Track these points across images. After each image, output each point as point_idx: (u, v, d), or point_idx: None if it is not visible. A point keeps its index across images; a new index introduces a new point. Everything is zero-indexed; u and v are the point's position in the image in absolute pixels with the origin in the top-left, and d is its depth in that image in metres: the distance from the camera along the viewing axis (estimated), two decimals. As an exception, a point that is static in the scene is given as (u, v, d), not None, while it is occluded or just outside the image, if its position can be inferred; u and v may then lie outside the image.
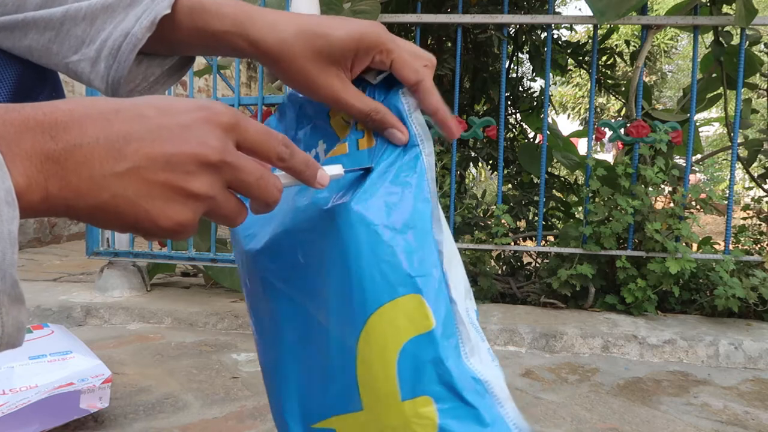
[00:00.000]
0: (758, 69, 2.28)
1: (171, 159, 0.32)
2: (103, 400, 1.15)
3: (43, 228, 3.67)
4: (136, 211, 0.32)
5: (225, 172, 0.35)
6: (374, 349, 0.45)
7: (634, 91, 2.14)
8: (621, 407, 1.38)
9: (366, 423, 0.46)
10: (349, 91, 0.48)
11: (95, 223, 0.33)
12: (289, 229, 0.50)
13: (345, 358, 0.46)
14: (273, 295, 0.52)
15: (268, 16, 0.47)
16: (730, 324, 1.92)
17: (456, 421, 0.44)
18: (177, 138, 0.33)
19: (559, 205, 2.73)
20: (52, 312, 1.99)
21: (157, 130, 0.33)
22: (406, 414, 0.44)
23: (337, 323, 0.47)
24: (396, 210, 0.47)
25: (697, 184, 2.20)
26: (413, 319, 0.45)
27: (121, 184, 0.31)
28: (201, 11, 0.46)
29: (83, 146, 0.31)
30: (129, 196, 0.32)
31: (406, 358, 0.45)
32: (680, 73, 11.70)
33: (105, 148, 0.31)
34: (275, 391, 0.54)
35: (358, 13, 1.97)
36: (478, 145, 2.84)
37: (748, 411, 1.38)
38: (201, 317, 1.99)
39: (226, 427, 1.22)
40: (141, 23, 0.44)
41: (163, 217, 0.33)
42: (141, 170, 0.32)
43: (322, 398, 0.49)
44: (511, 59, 2.87)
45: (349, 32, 0.47)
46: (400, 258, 0.45)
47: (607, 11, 1.91)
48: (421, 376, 0.44)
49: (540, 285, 2.20)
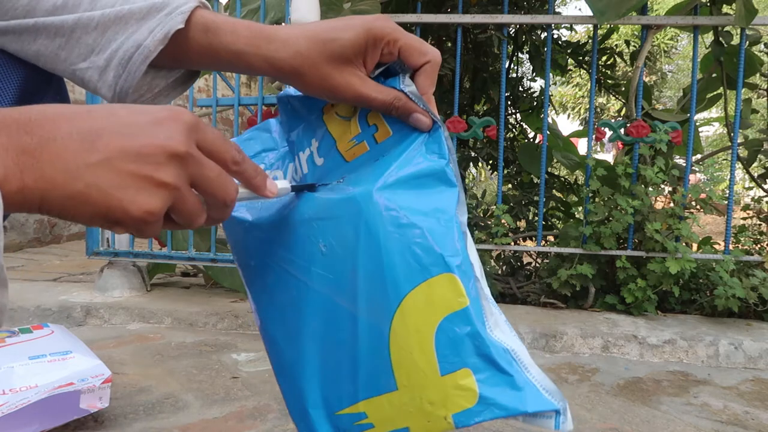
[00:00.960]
0: (758, 69, 2.28)
1: (141, 150, 0.35)
2: (103, 400, 1.15)
3: (43, 228, 3.67)
4: (108, 201, 0.34)
5: (190, 164, 0.37)
6: (410, 329, 0.47)
7: (634, 91, 2.14)
8: (621, 407, 1.38)
9: (401, 402, 0.48)
10: (369, 86, 0.50)
11: (68, 215, 0.34)
12: (306, 218, 0.51)
13: (376, 341, 0.48)
14: (293, 285, 0.52)
15: (281, 34, 0.49)
16: (730, 324, 1.92)
17: (494, 388, 0.47)
18: (147, 132, 0.35)
19: (559, 205, 2.73)
20: (52, 312, 1.99)
21: (128, 126, 0.35)
22: (446, 387, 0.47)
23: (367, 308, 0.48)
24: (423, 194, 0.49)
25: (697, 184, 2.20)
26: (448, 298, 0.47)
27: (94, 174, 0.33)
28: (216, 30, 0.48)
29: (57, 140, 0.33)
30: (101, 185, 0.34)
31: (444, 334, 0.47)
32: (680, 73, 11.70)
33: (78, 141, 0.33)
34: (295, 382, 0.54)
35: (357, 13, 1.98)
36: (478, 145, 2.84)
37: (748, 411, 1.38)
38: (201, 317, 1.99)
39: (226, 427, 1.22)
40: (154, 36, 0.45)
41: (133, 205, 0.35)
42: (113, 161, 0.34)
43: (350, 384, 0.50)
44: (511, 59, 2.87)
45: (356, 30, 0.48)
46: (430, 240, 0.48)
47: (607, 11, 1.91)
48: (460, 350, 0.47)
49: (540, 285, 2.20)
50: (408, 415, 0.48)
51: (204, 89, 5.28)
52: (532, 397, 0.47)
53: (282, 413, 1.29)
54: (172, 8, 0.47)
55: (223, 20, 0.49)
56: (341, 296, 0.50)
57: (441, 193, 0.50)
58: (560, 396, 0.48)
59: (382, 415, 0.49)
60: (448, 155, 0.51)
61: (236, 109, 2.16)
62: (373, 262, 0.48)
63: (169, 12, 0.46)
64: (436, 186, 0.50)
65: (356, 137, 0.53)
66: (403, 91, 0.51)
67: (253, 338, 1.86)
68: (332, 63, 0.49)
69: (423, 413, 0.48)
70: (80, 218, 0.35)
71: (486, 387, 0.47)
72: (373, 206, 0.48)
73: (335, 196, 0.50)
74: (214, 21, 0.48)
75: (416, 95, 0.51)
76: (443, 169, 0.50)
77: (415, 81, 0.52)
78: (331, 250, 0.50)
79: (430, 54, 0.50)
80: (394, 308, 0.47)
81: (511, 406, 0.47)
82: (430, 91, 0.52)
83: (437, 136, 0.51)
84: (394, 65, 0.52)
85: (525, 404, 0.47)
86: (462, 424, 0.47)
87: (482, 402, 0.47)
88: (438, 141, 0.51)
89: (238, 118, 2.27)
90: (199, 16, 0.48)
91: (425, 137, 0.51)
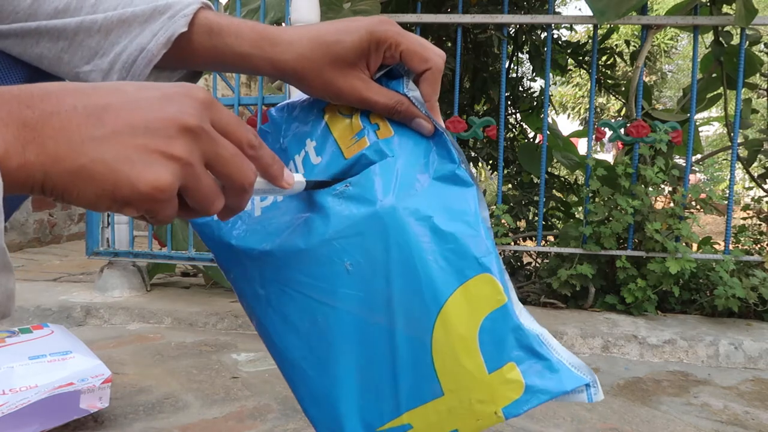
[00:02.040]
0: (758, 69, 2.28)
1: (151, 124, 0.33)
2: (103, 400, 1.15)
3: (43, 228, 3.67)
4: (114, 176, 0.31)
5: (203, 140, 0.35)
6: (453, 333, 0.48)
7: (634, 91, 2.14)
8: (621, 407, 1.38)
9: (449, 406, 0.49)
10: (372, 88, 0.50)
11: (73, 194, 0.32)
12: (326, 239, 0.49)
13: (417, 351, 0.48)
14: (316, 310, 0.51)
15: (285, 36, 0.49)
16: (730, 324, 1.92)
17: (536, 376, 0.49)
18: (156, 106, 0.33)
19: (559, 205, 2.73)
20: (52, 312, 1.99)
21: (136, 101, 0.33)
22: (494, 384, 0.48)
23: (405, 320, 0.48)
24: (444, 199, 0.50)
25: (697, 184, 2.20)
26: (487, 297, 0.49)
27: (99, 148, 0.31)
28: (220, 32, 0.48)
29: (61, 113, 0.31)
30: (107, 160, 0.31)
31: (487, 333, 0.48)
32: (680, 73, 11.69)
33: (83, 115, 0.31)
34: (331, 409, 0.52)
35: (357, 13, 1.97)
36: (478, 145, 2.84)
37: (748, 411, 1.38)
38: (201, 317, 1.99)
39: (226, 427, 1.22)
40: (158, 39, 0.45)
41: (141, 180, 0.32)
42: (120, 135, 0.32)
43: (391, 398, 0.50)
44: (511, 59, 2.87)
45: (360, 33, 0.48)
46: (462, 243, 0.49)
47: (607, 11, 1.91)
48: (504, 345, 0.49)
49: (540, 285, 2.20)
50: (456, 417, 0.49)
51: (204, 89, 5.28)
52: (567, 375, 0.49)
53: (282, 413, 1.29)
54: (175, 11, 0.46)
55: (227, 22, 0.48)
56: (374, 313, 0.49)
57: (461, 194, 0.51)
58: (588, 369, 0.51)
59: (428, 422, 0.50)
60: (457, 158, 0.51)
61: (236, 109, 2.16)
62: (407, 274, 0.48)
63: (172, 15, 0.46)
64: (454, 189, 0.51)
65: (358, 134, 0.53)
66: (406, 95, 0.51)
67: (253, 338, 1.86)
68: (336, 66, 0.49)
69: (472, 413, 0.49)
70: (85, 197, 0.32)
71: (530, 376, 0.49)
72: (398, 219, 0.48)
73: (356, 212, 0.49)
74: (218, 23, 0.48)
75: (419, 101, 0.51)
76: (455, 172, 0.51)
77: (419, 88, 0.52)
78: (358, 267, 0.49)
79: (432, 60, 0.50)
80: (434, 316, 0.48)
81: (553, 389, 0.49)
82: (433, 99, 0.52)
83: (443, 142, 0.52)
84: (397, 67, 0.52)
85: (563, 384, 0.49)
86: (511, 415, 0.49)
87: (528, 391, 0.49)
88: (445, 146, 0.52)
89: (238, 118, 2.27)
90: (203, 18, 0.48)
91: (431, 145, 0.52)
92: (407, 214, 0.48)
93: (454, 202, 0.50)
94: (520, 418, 1.29)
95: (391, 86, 0.52)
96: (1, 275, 0.30)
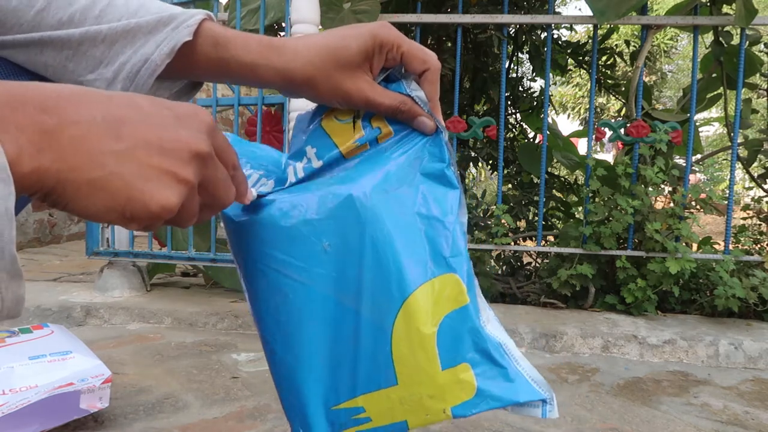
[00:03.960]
0: (758, 69, 2.28)
1: (166, 145, 0.34)
2: (103, 400, 1.15)
3: (43, 228, 3.67)
4: (129, 192, 0.32)
5: (208, 166, 0.37)
6: (413, 326, 0.49)
7: (634, 91, 2.14)
8: (621, 407, 1.38)
9: (401, 396, 0.50)
10: (377, 90, 0.52)
11: (81, 204, 0.32)
12: (308, 218, 0.51)
13: (378, 338, 0.50)
14: (287, 287, 0.52)
15: (290, 45, 0.51)
16: (730, 324, 1.92)
17: (490, 381, 0.50)
18: (170, 127, 0.34)
19: (559, 205, 2.73)
20: (52, 312, 1.99)
21: (151, 118, 0.34)
22: (446, 382, 0.50)
23: (371, 306, 0.50)
24: (429, 196, 0.52)
25: (697, 184, 2.20)
26: (450, 296, 0.50)
27: (118, 162, 0.32)
28: (226, 44, 0.49)
29: (80, 123, 0.31)
30: (125, 175, 0.32)
31: (445, 331, 0.50)
32: (680, 73, 11.69)
33: (103, 127, 0.32)
34: (293, 383, 0.54)
35: (358, 13, 1.97)
36: (478, 145, 2.84)
37: (748, 411, 1.38)
38: (201, 317, 1.99)
39: (226, 427, 1.22)
40: (161, 50, 0.46)
41: (154, 200, 0.33)
42: (137, 151, 0.33)
43: (349, 379, 0.51)
44: (511, 59, 2.87)
45: (364, 37, 0.51)
46: (435, 241, 0.51)
47: (607, 11, 1.91)
48: (460, 345, 0.50)
49: (540, 285, 2.20)
50: (407, 408, 0.50)
51: (204, 89, 5.28)
52: (523, 387, 0.50)
53: (282, 413, 1.28)
54: (179, 22, 0.47)
55: (233, 34, 0.50)
56: (344, 294, 0.51)
57: (444, 194, 0.52)
58: (547, 387, 0.51)
59: (381, 408, 0.51)
60: (448, 158, 0.53)
61: (236, 109, 2.16)
62: (378, 261, 0.50)
63: (176, 26, 0.47)
64: (438, 188, 0.53)
65: (359, 139, 0.54)
66: (409, 96, 0.53)
67: (253, 338, 1.86)
68: (343, 70, 0.51)
69: (422, 407, 0.50)
70: (94, 208, 0.32)
71: (483, 380, 0.50)
72: (376, 207, 0.50)
73: (336, 195, 0.51)
74: (224, 35, 0.49)
75: (423, 100, 0.53)
76: (443, 171, 0.53)
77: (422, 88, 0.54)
78: (336, 248, 0.50)
79: (430, 62, 0.53)
80: (398, 307, 0.49)
81: (505, 397, 0.50)
82: (435, 98, 0.55)
83: (438, 140, 0.54)
84: (394, 71, 0.54)
85: (517, 395, 0.50)
86: (460, 415, 0.50)
87: (479, 394, 0.50)
88: (439, 145, 0.54)
89: (238, 118, 2.28)
90: (208, 29, 0.49)
91: (426, 140, 0.54)
92: (387, 203, 0.50)
93: (435, 200, 0.52)
94: (520, 417, 1.29)
95: (391, 89, 0.54)
96: (12, 282, 0.31)
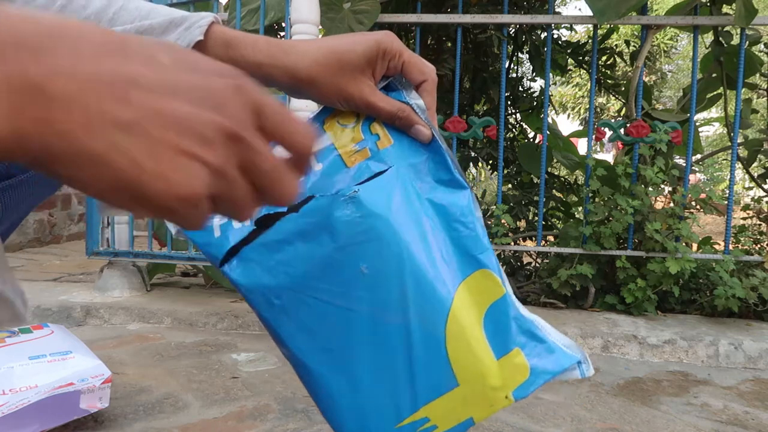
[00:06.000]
0: (758, 69, 2.28)
1: (187, 119, 0.27)
2: (103, 400, 1.15)
3: (43, 228, 3.67)
4: (135, 171, 0.26)
5: (242, 149, 0.29)
6: (463, 325, 0.52)
7: (634, 91, 2.14)
8: (621, 407, 1.38)
9: (464, 395, 0.52)
10: (377, 95, 0.54)
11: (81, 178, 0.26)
12: (341, 245, 0.52)
13: (431, 346, 0.52)
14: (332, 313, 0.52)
15: (298, 47, 0.52)
16: (730, 324, 1.92)
17: (538, 358, 0.54)
18: (196, 97, 0.28)
19: (559, 205, 2.73)
20: (52, 312, 1.99)
21: (174, 83, 0.27)
22: (503, 369, 0.53)
23: (418, 317, 0.51)
24: (443, 202, 0.55)
25: (697, 184, 2.20)
26: (487, 289, 0.53)
27: (121, 134, 0.25)
28: (236, 45, 0.51)
29: (76, 77, 0.24)
30: (131, 151, 0.26)
31: (491, 322, 0.53)
32: (680, 73, 11.68)
33: (106, 85, 0.25)
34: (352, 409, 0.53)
35: (358, 13, 1.97)
36: (478, 145, 2.84)
37: (748, 411, 1.38)
38: (201, 317, 1.99)
39: (226, 427, 1.22)
40: None
41: (166, 184, 0.27)
42: (147, 124, 0.26)
43: (408, 394, 0.53)
44: (511, 59, 2.87)
45: (369, 43, 0.53)
46: (461, 243, 0.54)
47: (607, 11, 1.91)
48: (507, 332, 0.53)
49: (540, 285, 2.20)
50: (471, 404, 0.52)
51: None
52: (563, 355, 0.54)
53: (282, 413, 1.29)
54: (190, 23, 0.49)
55: (243, 35, 0.51)
56: (390, 313, 0.52)
57: (457, 196, 0.55)
58: (578, 348, 0.55)
59: (445, 412, 0.53)
60: (452, 163, 0.56)
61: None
62: (416, 274, 0.51)
63: (188, 26, 0.49)
64: (450, 192, 0.55)
65: (359, 144, 0.56)
66: (408, 104, 0.55)
67: (253, 338, 1.86)
68: (347, 72, 0.52)
69: (485, 399, 0.52)
70: (97, 185, 0.26)
71: (533, 358, 0.54)
72: (401, 225, 0.52)
73: (363, 219, 0.52)
74: (234, 36, 0.51)
75: (421, 108, 0.55)
76: (450, 177, 0.56)
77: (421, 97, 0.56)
78: (375, 270, 0.52)
79: (427, 73, 0.55)
80: (447, 310, 0.51)
81: (553, 369, 0.54)
82: (433, 108, 0.57)
83: (438, 148, 0.56)
84: (395, 81, 0.56)
85: (561, 363, 0.54)
86: (520, 396, 0.53)
87: (533, 372, 0.53)
88: (439, 152, 0.56)
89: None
90: (218, 31, 0.50)
91: (428, 153, 0.56)
92: (409, 216, 0.53)
93: (452, 204, 0.55)
94: (520, 417, 1.29)
95: (391, 97, 0.56)
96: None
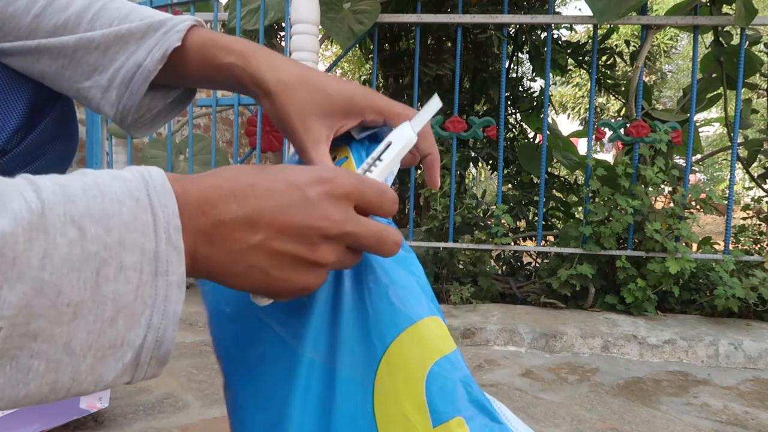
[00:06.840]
0: (758, 69, 2.28)
1: (298, 232, 0.36)
2: (103, 400, 1.15)
3: (43, 228, 3.67)
4: (267, 280, 0.36)
5: (346, 240, 0.38)
6: (397, 378, 0.43)
7: (634, 91, 2.14)
8: (621, 407, 1.38)
9: None
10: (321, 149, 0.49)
11: (231, 285, 0.37)
12: None
13: (357, 399, 0.44)
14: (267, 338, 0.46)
15: (274, 59, 0.49)
16: (730, 324, 1.92)
17: None
18: (302, 212, 0.36)
19: (559, 205, 2.74)
20: (52, 312, 1.99)
21: (286, 205, 0.36)
22: None
23: (349, 362, 0.44)
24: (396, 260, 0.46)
25: (697, 184, 2.20)
26: (436, 342, 0.44)
27: (253, 255, 0.35)
28: (211, 45, 0.49)
29: (226, 222, 0.35)
30: (261, 265, 0.36)
31: (434, 381, 0.43)
32: (680, 73, 11.68)
33: (243, 222, 0.35)
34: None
35: (357, 13, 1.97)
36: (478, 145, 2.84)
37: (748, 411, 1.38)
38: (201, 317, 1.99)
39: (226, 427, 1.22)
40: (153, 55, 0.46)
41: (290, 284, 0.37)
42: (271, 241, 0.35)
43: None
44: (511, 59, 2.87)
45: (343, 93, 0.49)
46: (414, 283, 0.46)
47: (607, 11, 1.91)
48: (453, 397, 0.43)
49: (540, 285, 2.20)
50: None
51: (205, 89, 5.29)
52: None
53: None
54: (169, 27, 0.47)
55: (219, 36, 0.49)
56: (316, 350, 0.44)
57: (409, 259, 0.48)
58: None
59: None
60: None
61: (236, 109, 2.16)
62: (357, 310, 0.44)
63: (167, 30, 0.47)
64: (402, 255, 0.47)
65: None
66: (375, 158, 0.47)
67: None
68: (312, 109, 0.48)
69: None
70: (242, 288, 0.37)
71: None
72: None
73: None
74: (210, 38, 0.49)
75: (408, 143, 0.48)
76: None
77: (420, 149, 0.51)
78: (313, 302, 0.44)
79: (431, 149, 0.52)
80: (378, 358, 0.44)
81: None
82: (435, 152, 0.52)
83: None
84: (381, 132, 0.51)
85: None
86: None
87: None
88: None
89: (238, 118, 2.28)
90: (197, 35, 0.48)
91: None
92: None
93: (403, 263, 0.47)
94: (520, 417, 1.29)
95: (371, 149, 0.50)
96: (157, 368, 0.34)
